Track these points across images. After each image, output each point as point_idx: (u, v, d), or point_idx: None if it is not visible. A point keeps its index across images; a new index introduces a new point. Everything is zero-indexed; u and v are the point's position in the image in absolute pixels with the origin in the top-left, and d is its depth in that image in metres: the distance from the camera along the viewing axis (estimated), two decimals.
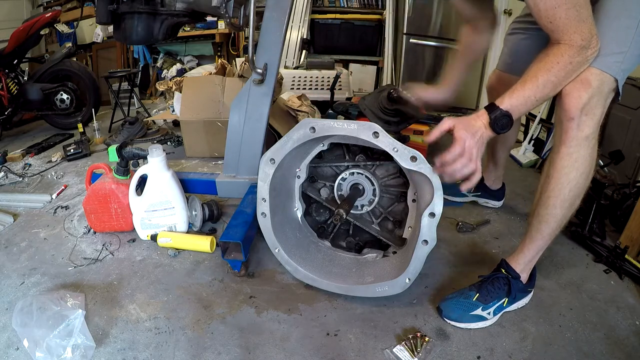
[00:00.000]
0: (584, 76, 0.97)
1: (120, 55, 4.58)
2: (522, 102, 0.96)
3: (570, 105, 0.99)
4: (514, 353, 1.01)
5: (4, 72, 2.96)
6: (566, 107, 1.00)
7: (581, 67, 0.95)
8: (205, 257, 1.44)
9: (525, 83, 0.96)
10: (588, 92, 0.97)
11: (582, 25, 0.89)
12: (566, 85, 0.98)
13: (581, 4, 0.88)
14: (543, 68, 0.94)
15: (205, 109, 2.33)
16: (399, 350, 1.01)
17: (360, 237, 1.34)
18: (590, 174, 1.05)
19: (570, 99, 0.99)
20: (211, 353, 1.04)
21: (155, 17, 1.42)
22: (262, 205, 1.21)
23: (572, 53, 0.92)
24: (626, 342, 1.03)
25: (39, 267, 1.42)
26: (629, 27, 0.94)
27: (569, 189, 1.04)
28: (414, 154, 0.99)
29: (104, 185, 1.52)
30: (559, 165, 1.04)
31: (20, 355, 1.05)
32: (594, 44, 0.92)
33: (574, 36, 0.90)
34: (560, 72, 0.94)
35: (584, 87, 0.97)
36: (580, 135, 1.00)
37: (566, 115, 1.00)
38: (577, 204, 1.07)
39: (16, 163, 2.54)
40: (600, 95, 0.98)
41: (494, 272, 1.15)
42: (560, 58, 0.93)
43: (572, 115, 0.99)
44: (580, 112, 0.98)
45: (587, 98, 0.97)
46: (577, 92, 0.98)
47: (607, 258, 1.32)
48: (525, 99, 0.96)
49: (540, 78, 0.94)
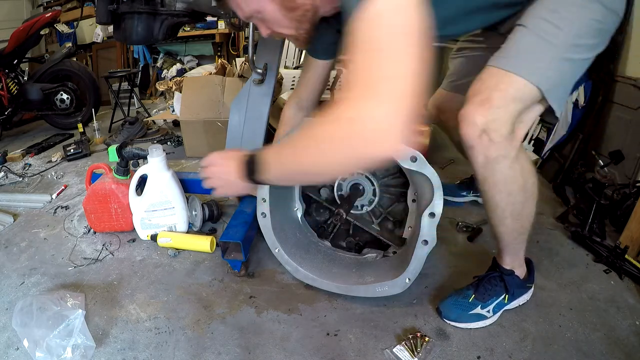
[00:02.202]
0: (486, 94, 0.86)
1: (120, 55, 4.59)
2: (276, 159, 0.83)
3: (465, 133, 0.89)
4: (514, 353, 1.01)
5: (4, 72, 2.96)
6: (462, 134, 0.90)
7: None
8: (205, 257, 1.44)
9: (284, 146, 0.84)
10: (487, 116, 0.86)
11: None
12: (464, 106, 0.89)
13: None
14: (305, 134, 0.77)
15: (205, 109, 2.33)
16: (399, 350, 1.01)
17: (360, 237, 1.34)
18: (525, 184, 0.95)
19: (464, 126, 0.89)
20: (211, 353, 1.04)
21: (155, 17, 1.42)
22: (262, 205, 1.21)
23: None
24: (626, 342, 1.03)
25: (39, 267, 1.42)
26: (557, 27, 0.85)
27: (501, 208, 0.98)
28: (414, 154, 0.99)
29: (104, 185, 1.52)
30: (481, 188, 0.97)
31: (20, 355, 1.05)
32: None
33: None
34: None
35: (482, 109, 0.86)
36: (488, 161, 0.90)
37: (465, 142, 0.90)
38: (527, 207, 0.99)
39: (16, 163, 2.54)
40: (508, 114, 0.86)
41: (489, 271, 1.15)
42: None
43: (471, 144, 0.89)
44: (479, 140, 0.88)
45: (485, 122, 0.86)
46: (471, 116, 0.87)
47: (607, 258, 1.32)
48: (280, 159, 0.82)
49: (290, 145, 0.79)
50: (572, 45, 0.87)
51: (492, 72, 0.90)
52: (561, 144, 1.97)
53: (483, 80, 0.90)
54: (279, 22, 0.91)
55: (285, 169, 0.83)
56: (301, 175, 0.85)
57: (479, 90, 0.89)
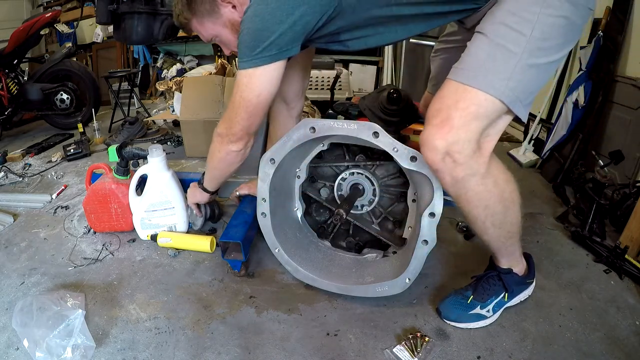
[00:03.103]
0: (445, 114, 0.83)
1: (120, 55, 4.58)
2: (208, 178, 1.36)
3: (427, 158, 0.88)
4: (514, 353, 1.01)
5: (4, 72, 2.96)
6: (425, 159, 0.89)
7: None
8: (205, 257, 1.44)
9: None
10: (447, 139, 0.83)
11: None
12: (424, 130, 0.87)
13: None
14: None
15: (205, 109, 2.33)
16: (399, 350, 1.01)
17: (360, 237, 1.34)
18: (501, 194, 0.94)
19: (426, 151, 0.87)
20: (211, 353, 1.04)
21: (155, 17, 1.42)
22: (262, 205, 1.21)
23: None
24: (626, 342, 1.03)
25: (39, 267, 1.42)
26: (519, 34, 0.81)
27: (480, 220, 0.96)
28: (414, 154, 0.99)
29: (104, 185, 1.52)
30: (457, 204, 0.95)
31: (20, 355, 1.05)
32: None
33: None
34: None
35: (442, 132, 0.83)
36: (456, 180, 0.88)
37: (430, 167, 0.90)
38: (509, 215, 0.97)
39: (16, 163, 2.54)
40: (470, 133, 0.84)
41: (487, 270, 1.15)
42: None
43: (435, 168, 0.88)
44: (443, 163, 0.86)
45: (446, 145, 0.83)
46: (431, 140, 0.85)
47: (607, 258, 1.32)
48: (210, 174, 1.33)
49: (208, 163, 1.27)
50: (536, 49, 0.82)
51: (450, 87, 0.86)
52: (561, 144, 1.97)
53: (442, 97, 0.87)
54: (233, 43, 1.07)
55: (208, 176, 1.35)
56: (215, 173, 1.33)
57: (438, 110, 0.86)
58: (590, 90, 1.82)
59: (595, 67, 1.82)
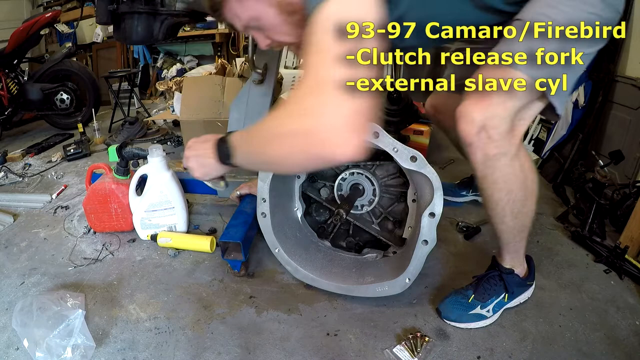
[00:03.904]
0: (484, 90, 0.85)
1: (120, 55, 4.59)
2: (243, 146, 0.86)
3: (463, 130, 0.88)
4: (514, 353, 1.01)
5: (4, 72, 2.96)
6: (460, 131, 0.89)
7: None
8: (205, 257, 1.44)
9: (252, 133, 0.85)
10: (485, 112, 0.85)
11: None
12: (462, 103, 0.88)
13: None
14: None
15: (205, 109, 2.33)
16: (399, 350, 1.01)
17: (360, 237, 1.34)
18: (525, 181, 0.95)
19: (462, 123, 0.88)
20: (211, 353, 1.04)
21: (155, 17, 1.42)
22: (262, 205, 1.21)
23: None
24: (626, 342, 1.03)
25: (39, 267, 1.42)
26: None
27: (500, 206, 0.97)
28: (414, 154, 0.99)
29: (104, 185, 1.52)
30: (480, 185, 0.96)
31: (20, 355, 1.05)
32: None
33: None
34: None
35: (480, 105, 0.85)
36: (487, 158, 0.89)
37: (463, 140, 0.90)
38: (526, 205, 0.98)
39: (16, 163, 2.54)
40: (507, 111, 0.86)
41: (488, 270, 1.15)
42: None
43: (469, 141, 0.89)
44: (477, 137, 0.87)
45: (483, 119, 0.85)
46: (469, 112, 0.86)
47: (607, 258, 1.32)
48: (247, 147, 0.85)
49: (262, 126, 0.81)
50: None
51: (490, 67, 0.88)
52: (561, 144, 1.97)
53: (482, 75, 0.89)
54: (278, 28, 0.87)
55: (251, 157, 0.87)
56: (265, 165, 0.92)
57: (477, 85, 0.88)
58: (590, 90, 1.82)
59: (595, 67, 1.82)
